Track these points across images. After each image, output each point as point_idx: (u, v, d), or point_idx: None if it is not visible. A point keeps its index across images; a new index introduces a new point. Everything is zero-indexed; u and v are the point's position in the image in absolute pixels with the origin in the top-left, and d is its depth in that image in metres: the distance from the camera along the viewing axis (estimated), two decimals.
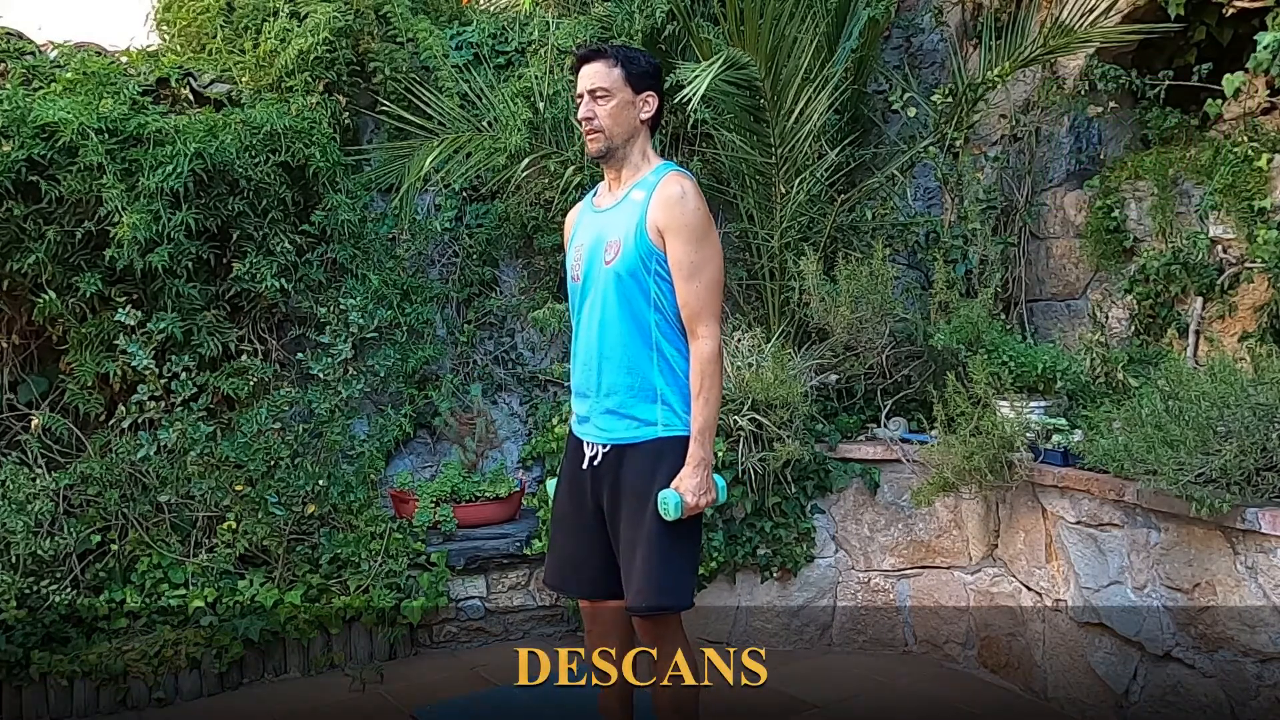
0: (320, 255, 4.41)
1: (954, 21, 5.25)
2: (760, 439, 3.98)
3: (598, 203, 2.67)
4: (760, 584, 4.16)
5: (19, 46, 4.19)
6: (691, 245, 2.46)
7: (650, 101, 2.57)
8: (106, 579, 3.91)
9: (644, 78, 2.56)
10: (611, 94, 2.52)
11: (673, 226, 2.46)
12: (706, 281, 2.48)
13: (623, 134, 2.55)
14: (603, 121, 2.53)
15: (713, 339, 2.48)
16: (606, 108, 2.53)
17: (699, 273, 2.47)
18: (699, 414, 2.47)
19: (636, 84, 2.55)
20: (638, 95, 2.55)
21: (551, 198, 4.84)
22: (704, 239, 2.47)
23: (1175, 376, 3.00)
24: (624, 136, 2.55)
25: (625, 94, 2.53)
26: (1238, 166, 3.76)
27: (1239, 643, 2.82)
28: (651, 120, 2.59)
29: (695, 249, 2.46)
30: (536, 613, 4.43)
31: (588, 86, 2.54)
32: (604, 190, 2.68)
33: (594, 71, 2.54)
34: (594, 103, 2.54)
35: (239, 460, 3.97)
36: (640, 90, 2.55)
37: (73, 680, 3.64)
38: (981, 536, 3.88)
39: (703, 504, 2.44)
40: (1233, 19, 4.01)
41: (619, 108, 2.53)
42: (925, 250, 4.89)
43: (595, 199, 2.70)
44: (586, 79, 2.55)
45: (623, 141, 2.56)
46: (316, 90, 4.56)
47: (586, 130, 2.56)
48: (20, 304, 3.96)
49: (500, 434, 4.99)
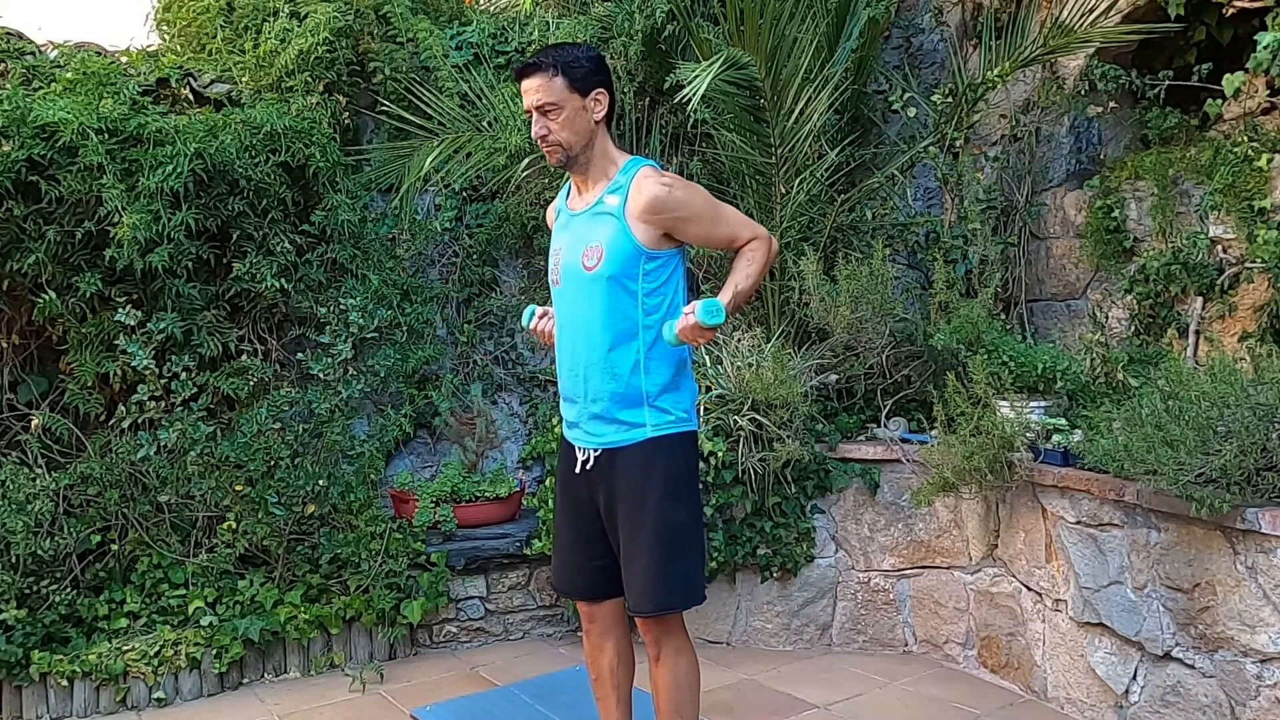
0: (320, 255, 4.41)
1: (954, 21, 5.26)
2: (760, 439, 3.98)
3: (571, 205, 2.63)
4: (760, 584, 4.16)
5: (19, 46, 4.19)
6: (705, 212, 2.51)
7: (600, 99, 2.50)
8: (106, 579, 3.92)
9: (588, 78, 2.47)
10: (560, 106, 2.45)
11: (683, 214, 2.47)
12: (728, 216, 2.55)
13: (580, 140, 2.49)
14: (557, 136, 2.47)
15: (762, 238, 2.55)
16: (558, 120, 2.46)
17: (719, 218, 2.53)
18: (739, 284, 2.50)
19: (582, 87, 2.46)
20: (586, 98, 2.47)
21: (551, 198, 4.82)
22: (705, 202, 2.52)
23: (1175, 376, 3.00)
24: (582, 142, 2.50)
25: (574, 101, 2.46)
26: (1238, 166, 3.76)
27: (1239, 643, 2.82)
28: (606, 115, 2.53)
29: (707, 210, 2.52)
30: (536, 613, 4.43)
31: (534, 103, 2.46)
32: (574, 193, 2.63)
33: (536, 86, 2.45)
34: (545, 118, 2.47)
35: (239, 460, 3.97)
36: (587, 92, 2.47)
37: (73, 680, 3.64)
38: (981, 536, 3.88)
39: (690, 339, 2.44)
40: (1233, 19, 4.01)
41: (570, 117, 2.46)
42: (925, 250, 4.89)
43: (568, 201, 2.65)
44: (531, 95, 2.46)
45: (582, 147, 2.51)
46: (316, 90, 4.56)
47: (544, 147, 2.51)
48: (20, 304, 3.96)
49: (500, 434, 4.99)
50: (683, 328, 2.37)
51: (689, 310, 2.36)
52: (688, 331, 2.37)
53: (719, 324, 2.35)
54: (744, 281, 2.51)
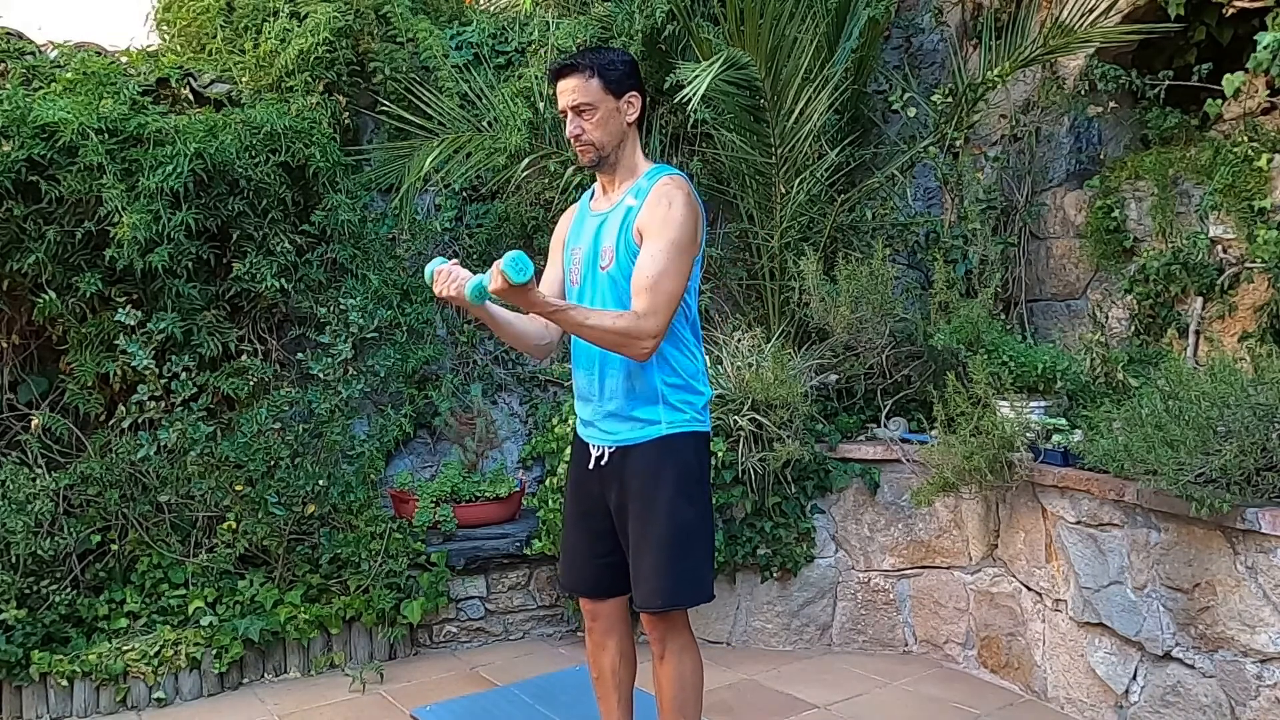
0: (320, 255, 4.41)
1: (954, 21, 5.26)
2: (760, 439, 3.98)
3: (594, 206, 2.65)
4: (760, 584, 4.16)
5: (19, 46, 4.19)
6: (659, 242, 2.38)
7: (634, 102, 2.53)
8: (106, 579, 3.92)
9: (623, 81, 2.50)
10: (595, 106, 2.48)
11: (651, 223, 2.42)
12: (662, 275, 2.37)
13: (613, 142, 2.52)
14: (591, 135, 2.50)
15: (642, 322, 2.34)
16: (593, 120, 2.49)
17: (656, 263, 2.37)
18: (585, 316, 2.34)
19: (617, 89, 2.50)
20: (620, 100, 2.51)
21: (551, 198, 4.84)
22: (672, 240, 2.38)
23: (1175, 376, 3.00)
24: (614, 143, 2.53)
25: (608, 102, 2.49)
26: (1238, 166, 3.76)
27: (1239, 643, 2.83)
28: (638, 118, 2.56)
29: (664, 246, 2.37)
30: (536, 613, 4.43)
31: (569, 103, 2.49)
32: (599, 194, 2.66)
33: (572, 87, 2.48)
34: (579, 118, 2.50)
35: (239, 460, 3.97)
36: (621, 94, 2.51)
37: (73, 680, 3.64)
38: (981, 536, 3.88)
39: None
40: (1233, 19, 4.01)
41: (605, 118, 2.49)
42: (925, 250, 4.89)
43: (592, 202, 2.68)
44: (567, 95, 2.49)
45: (613, 148, 2.53)
46: (316, 90, 4.56)
47: (576, 146, 2.54)
48: (20, 304, 3.96)
49: (500, 434, 4.99)
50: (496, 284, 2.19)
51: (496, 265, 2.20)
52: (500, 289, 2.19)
53: (526, 281, 2.17)
54: (589, 317, 2.35)
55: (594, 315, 2.37)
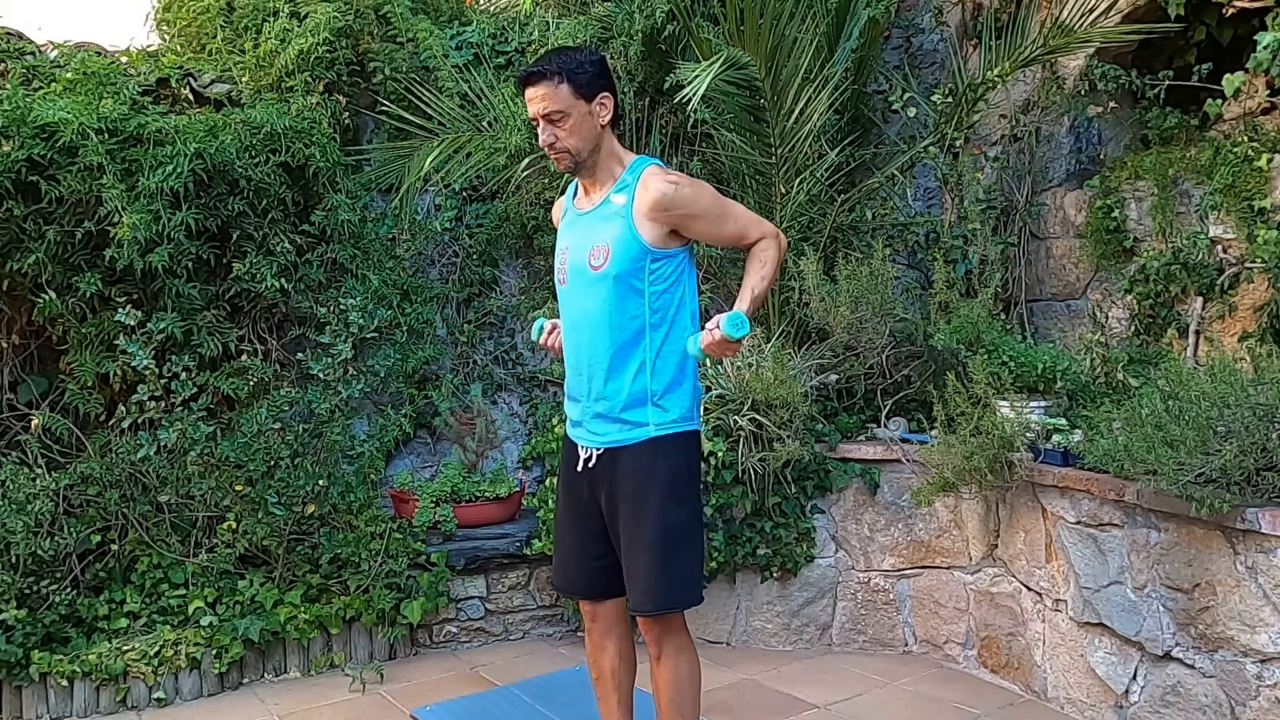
0: (320, 255, 4.41)
1: (954, 21, 5.26)
2: (760, 439, 3.98)
3: (578, 205, 2.63)
4: (760, 584, 4.16)
5: (19, 46, 4.19)
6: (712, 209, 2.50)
7: (606, 103, 2.49)
8: (106, 579, 3.92)
9: (593, 83, 2.46)
10: (567, 113, 2.43)
11: (690, 211, 2.47)
12: (736, 213, 2.55)
13: (588, 145, 2.49)
14: (565, 143, 2.47)
15: (770, 235, 2.56)
16: (566, 127, 2.45)
17: (726, 215, 2.53)
18: (755, 288, 2.50)
19: (588, 92, 2.45)
20: (592, 103, 2.46)
21: (551, 197, 4.84)
22: (712, 198, 2.51)
23: (1175, 376, 3.00)
24: (590, 147, 2.50)
25: (580, 107, 2.45)
26: (1238, 166, 3.76)
27: (1239, 643, 2.82)
28: (611, 118, 2.52)
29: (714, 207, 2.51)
30: (536, 613, 4.43)
31: (540, 111, 2.44)
32: (581, 193, 2.63)
33: (542, 94, 2.43)
34: (552, 126, 2.46)
35: (239, 460, 3.97)
36: (593, 97, 2.46)
37: (73, 680, 3.64)
38: (981, 536, 3.88)
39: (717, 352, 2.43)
40: (1233, 19, 4.01)
41: (577, 124, 2.46)
42: (925, 250, 4.89)
43: (575, 201, 2.65)
44: (536, 103, 2.45)
45: (589, 152, 2.50)
46: (316, 90, 4.56)
47: (551, 154, 2.50)
48: (20, 304, 3.96)
49: (500, 434, 4.99)
50: (709, 343, 2.36)
51: (713, 325, 2.35)
52: (715, 346, 2.36)
53: (745, 335, 2.34)
54: (759, 284, 2.51)
55: (757, 271, 2.53)
